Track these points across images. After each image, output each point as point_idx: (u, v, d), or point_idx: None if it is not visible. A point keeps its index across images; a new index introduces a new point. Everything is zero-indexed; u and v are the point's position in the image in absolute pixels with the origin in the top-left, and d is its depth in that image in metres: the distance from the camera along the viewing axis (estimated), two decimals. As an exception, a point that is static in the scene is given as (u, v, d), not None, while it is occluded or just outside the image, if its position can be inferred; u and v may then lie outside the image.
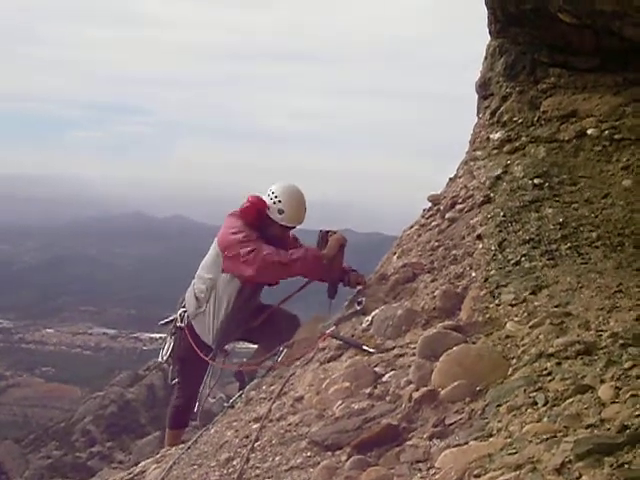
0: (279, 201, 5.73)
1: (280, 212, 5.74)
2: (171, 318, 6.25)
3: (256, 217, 5.77)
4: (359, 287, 5.77)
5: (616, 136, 6.02)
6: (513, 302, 4.41)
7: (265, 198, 5.79)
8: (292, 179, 6.00)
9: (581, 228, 5.20)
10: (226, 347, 6.01)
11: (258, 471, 3.92)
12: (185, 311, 6.05)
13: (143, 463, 4.97)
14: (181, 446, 4.92)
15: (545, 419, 3.00)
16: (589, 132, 6.18)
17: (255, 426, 4.44)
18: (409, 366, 4.16)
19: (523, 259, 4.93)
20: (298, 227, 5.99)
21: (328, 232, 5.83)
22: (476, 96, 7.37)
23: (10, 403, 67.04)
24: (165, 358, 6.19)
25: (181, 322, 6.07)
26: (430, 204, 6.46)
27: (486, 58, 7.22)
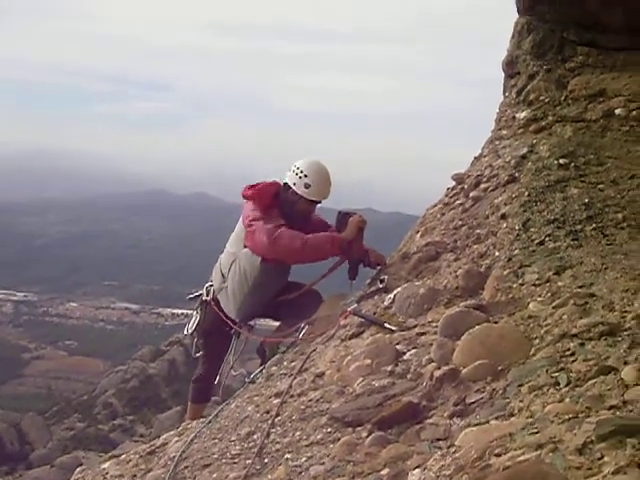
0: (305, 175, 5.75)
1: (307, 186, 5.76)
2: (198, 292, 6.35)
3: (272, 198, 5.81)
4: (379, 267, 5.78)
5: (644, 116, 5.94)
6: (536, 282, 4.37)
7: (289, 174, 5.81)
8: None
9: (607, 209, 5.13)
10: (250, 322, 6.06)
11: (278, 446, 3.94)
12: (211, 285, 6.13)
13: (165, 436, 5.02)
14: (202, 420, 4.96)
15: (567, 399, 2.98)
16: (617, 112, 6.09)
17: (276, 401, 4.46)
18: (431, 344, 4.15)
19: (547, 239, 4.88)
20: (320, 205, 6.00)
21: (347, 214, 5.81)
22: (502, 75, 7.30)
23: (34, 375, 68.19)
24: (190, 331, 6.29)
25: (207, 296, 6.15)
26: (454, 183, 6.42)
27: (513, 36, 7.13)
